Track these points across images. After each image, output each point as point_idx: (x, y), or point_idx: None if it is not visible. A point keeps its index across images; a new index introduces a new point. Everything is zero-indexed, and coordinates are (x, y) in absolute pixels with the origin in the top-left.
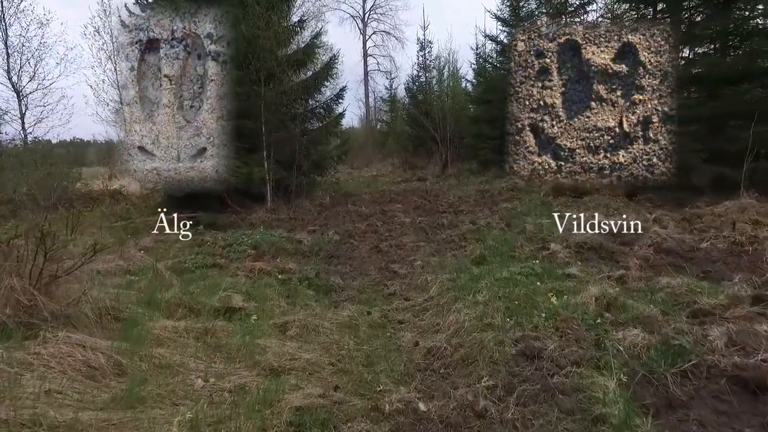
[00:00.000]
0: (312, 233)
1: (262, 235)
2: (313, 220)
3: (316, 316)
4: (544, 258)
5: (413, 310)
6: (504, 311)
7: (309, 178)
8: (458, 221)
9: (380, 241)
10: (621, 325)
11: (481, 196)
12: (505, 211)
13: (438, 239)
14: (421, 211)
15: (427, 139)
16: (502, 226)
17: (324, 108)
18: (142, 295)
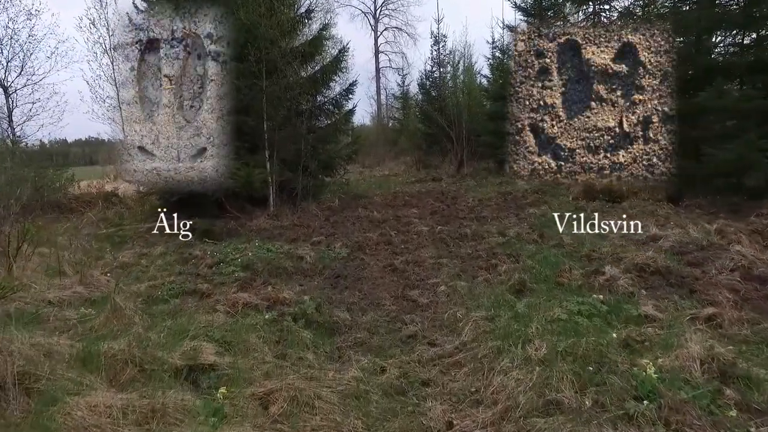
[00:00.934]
0: (316, 246)
1: (257, 251)
2: (319, 227)
3: (311, 379)
4: (601, 287)
5: (441, 363)
6: (573, 379)
7: (316, 179)
8: (483, 231)
9: (395, 255)
10: (759, 415)
11: (503, 199)
12: (534, 218)
13: (462, 254)
14: (439, 217)
15: (441, 136)
16: (535, 238)
17: (333, 104)
18: (80, 348)
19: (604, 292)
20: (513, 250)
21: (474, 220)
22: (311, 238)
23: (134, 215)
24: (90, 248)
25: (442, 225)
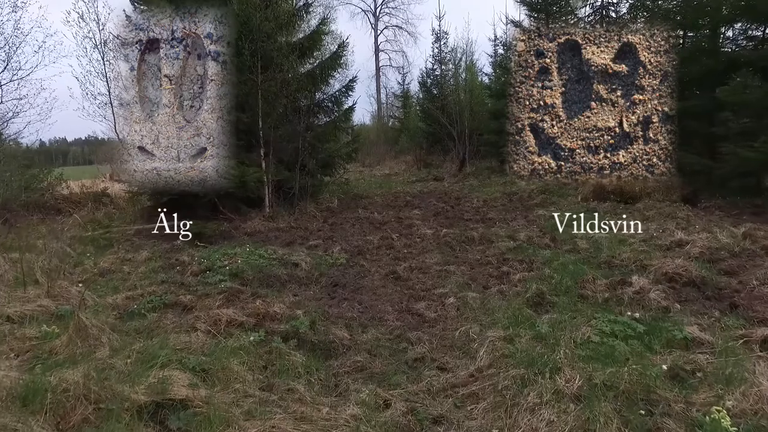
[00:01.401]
0: (313, 250)
1: (248, 256)
2: (316, 230)
3: (301, 419)
4: (630, 301)
5: (455, 395)
6: (620, 425)
7: (315, 179)
8: (491, 234)
9: (397, 261)
10: None
11: (509, 199)
12: (543, 220)
13: (470, 260)
14: (443, 218)
15: (442, 135)
16: (547, 242)
17: (332, 101)
18: (26, 380)
19: (635, 307)
20: (525, 255)
21: (480, 222)
22: (308, 241)
23: (124, 216)
24: (68, 253)
25: (447, 227)
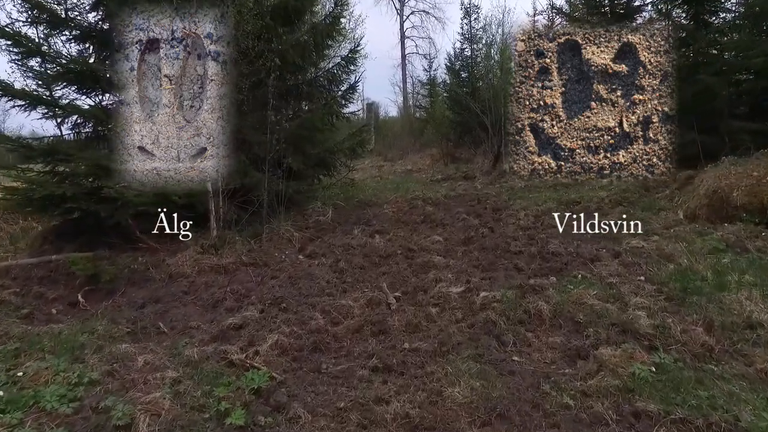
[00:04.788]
0: (220, 349)
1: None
2: (271, 276)
3: None
4: None
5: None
6: None
7: (303, 181)
8: (572, 299)
9: (385, 385)
10: None
11: (570, 211)
12: (650, 262)
13: (536, 368)
14: (476, 252)
15: (473, 125)
16: (706, 340)
17: (329, 79)
18: None
19: None
20: (664, 372)
21: (541, 260)
22: (240, 307)
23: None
24: None
25: (485, 275)
